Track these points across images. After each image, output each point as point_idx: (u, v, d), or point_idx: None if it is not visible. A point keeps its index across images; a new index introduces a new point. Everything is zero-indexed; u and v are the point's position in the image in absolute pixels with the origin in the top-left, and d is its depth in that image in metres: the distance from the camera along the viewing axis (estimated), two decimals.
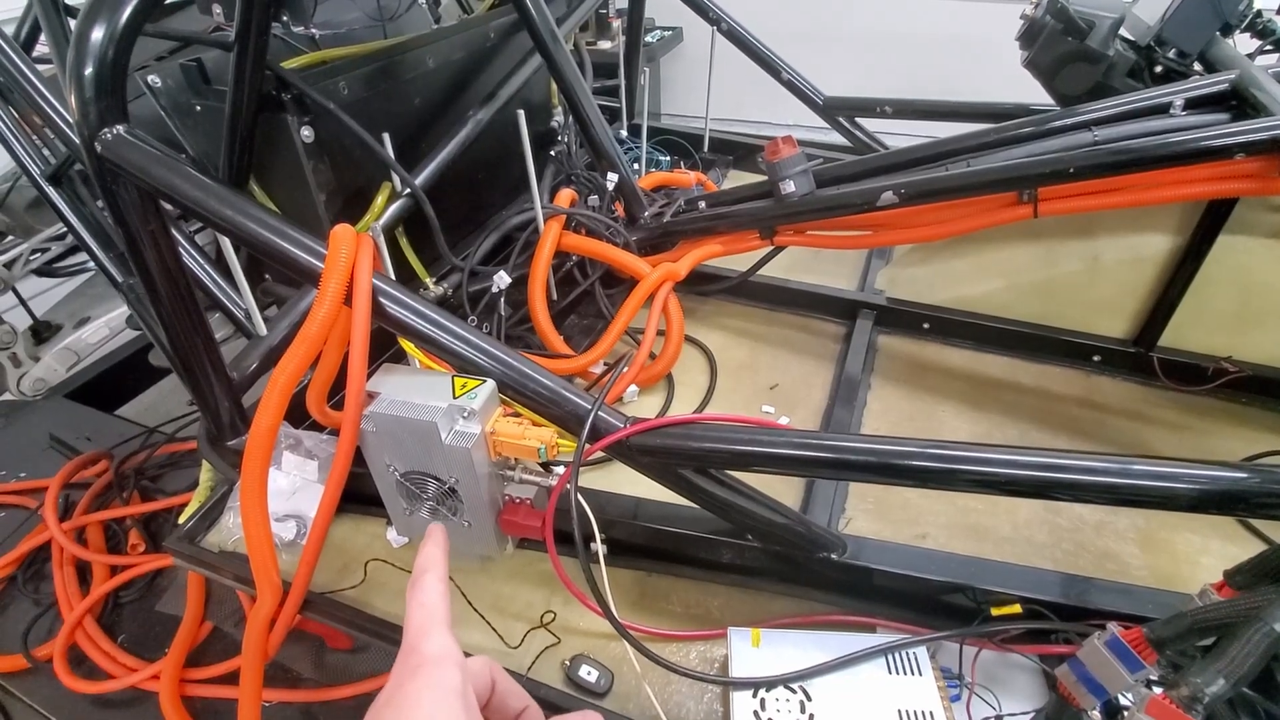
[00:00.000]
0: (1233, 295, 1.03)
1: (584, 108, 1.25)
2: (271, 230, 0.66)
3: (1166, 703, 0.44)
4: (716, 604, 0.83)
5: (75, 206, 1.08)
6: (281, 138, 0.98)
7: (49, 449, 1.41)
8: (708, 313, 1.35)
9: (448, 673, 0.38)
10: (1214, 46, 1.04)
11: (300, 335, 0.63)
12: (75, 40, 0.62)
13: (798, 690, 0.67)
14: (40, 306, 1.32)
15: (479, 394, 0.68)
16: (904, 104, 1.60)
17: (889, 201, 1.00)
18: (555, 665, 0.76)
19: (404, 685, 0.37)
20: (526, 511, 0.75)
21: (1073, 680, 0.54)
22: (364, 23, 1.17)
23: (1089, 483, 0.60)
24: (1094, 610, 0.71)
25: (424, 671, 0.38)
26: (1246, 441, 1.02)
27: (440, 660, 0.38)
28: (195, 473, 1.34)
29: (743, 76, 1.74)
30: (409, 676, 0.38)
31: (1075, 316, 1.16)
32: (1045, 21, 1.10)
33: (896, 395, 1.15)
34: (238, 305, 0.99)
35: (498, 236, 1.26)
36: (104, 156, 0.64)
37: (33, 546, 1.21)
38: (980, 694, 0.70)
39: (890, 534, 0.90)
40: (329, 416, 0.77)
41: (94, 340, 1.25)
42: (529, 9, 1.15)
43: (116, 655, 1.07)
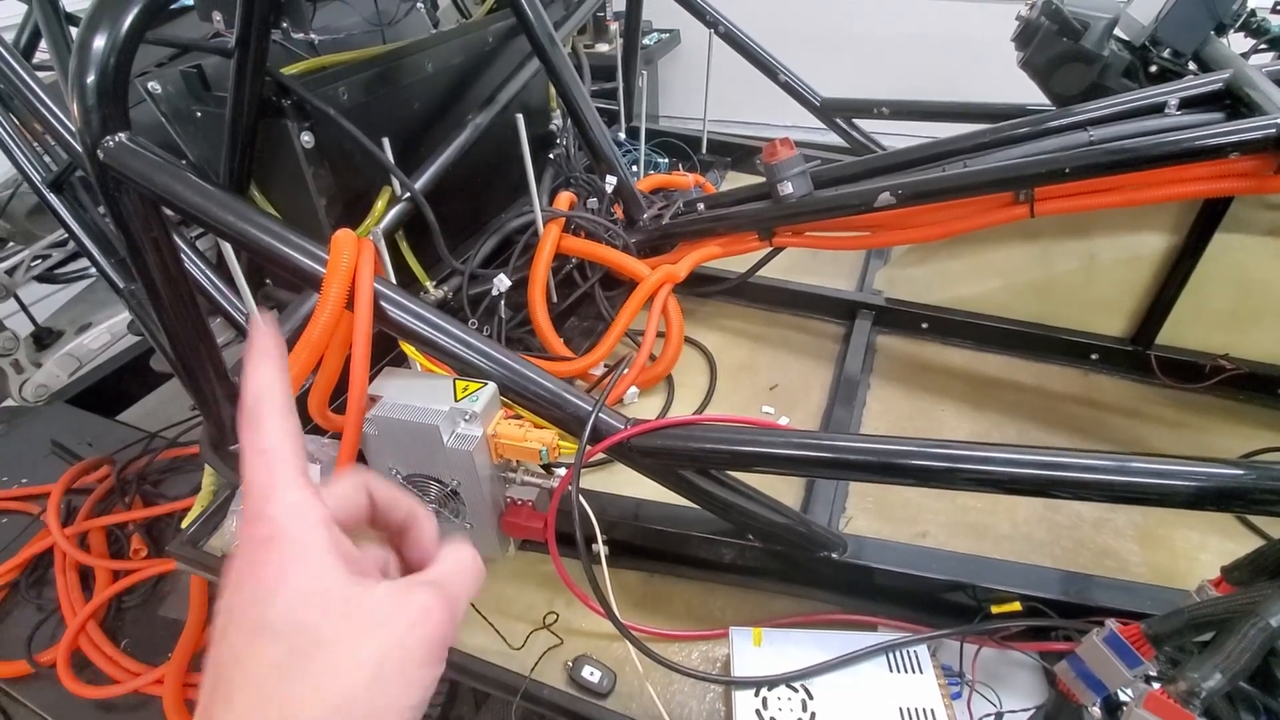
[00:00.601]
0: (1229, 293, 1.04)
1: (582, 111, 1.25)
2: (273, 235, 0.66)
3: (1164, 697, 0.44)
4: (718, 604, 0.83)
5: (76, 213, 1.08)
6: (282, 143, 0.98)
7: (50, 455, 1.42)
8: (707, 314, 1.36)
9: (309, 534, 0.30)
10: (1208, 46, 1.05)
11: (303, 339, 0.63)
12: (77, 48, 0.62)
13: (799, 689, 0.67)
14: (42, 313, 1.32)
15: (480, 397, 0.69)
16: (900, 105, 1.61)
17: (886, 202, 1.00)
18: (558, 666, 0.76)
19: (256, 561, 0.30)
20: (528, 513, 0.75)
21: (1072, 677, 0.55)
22: (362, 28, 1.17)
23: (1089, 480, 0.61)
24: (1093, 607, 0.72)
25: (278, 542, 0.30)
26: (1244, 438, 1.03)
27: (294, 522, 0.30)
28: (197, 477, 1.34)
29: (740, 78, 1.74)
30: (261, 547, 0.30)
31: (1073, 315, 1.17)
32: (1040, 22, 1.10)
33: (896, 395, 1.16)
34: (239, 310, 0.99)
35: (497, 240, 1.26)
36: (106, 163, 0.65)
37: (35, 552, 1.22)
38: (981, 691, 0.70)
39: (890, 533, 0.91)
40: (331, 420, 0.77)
41: (96, 346, 1.26)
42: (527, 13, 1.16)
43: (120, 660, 1.08)
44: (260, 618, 0.29)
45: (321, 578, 0.30)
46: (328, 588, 0.30)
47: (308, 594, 0.29)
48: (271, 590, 0.29)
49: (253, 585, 0.29)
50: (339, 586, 0.30)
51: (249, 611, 0.29)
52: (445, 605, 0.32)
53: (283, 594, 0.29)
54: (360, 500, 0.36)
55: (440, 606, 0.32)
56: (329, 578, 0.30)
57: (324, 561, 0.30)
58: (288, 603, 0.29)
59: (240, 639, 0.29)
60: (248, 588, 0.29)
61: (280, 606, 0.29)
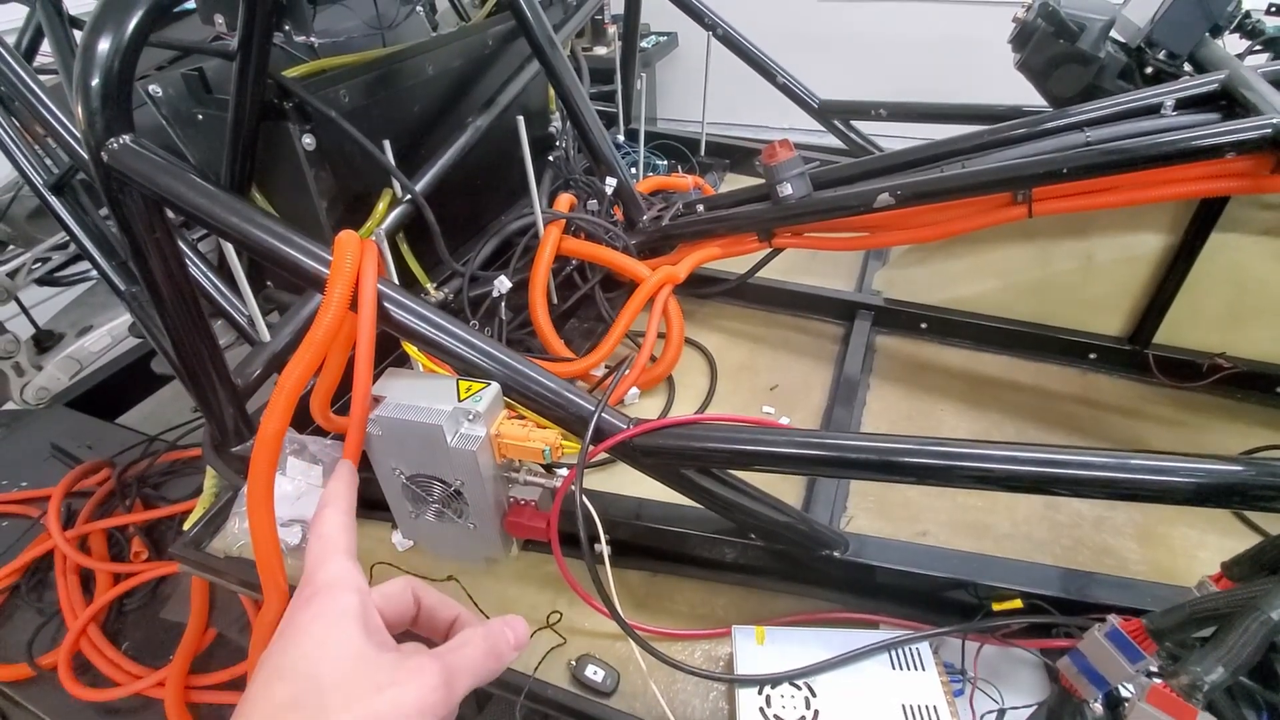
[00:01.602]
0: (1226, 292, 1.04)
1: (582, 113, 1.26)
2: (277, 237, 0.66)
3: (1167, 691, 0.45)
4: (721, 603, 0.84)
5: (78, 215, 1.09)
6: (283, 146, 0.98)
7: (50, 458, 1.42)
8: (706, 315, 1.36)
9: (341, 598, 0.37)
10: (1204, 47, 1.05)
11: (306, 340, 0.63)
12: (82, 51, 0.62)
13: (802, 686, 0.67)
14: (42, 315, 1.33)
15: (484, 397, 0.69)
16: (898, 106, 1.62)
17: (885, 203, 1.01)
18: (561, 665, 0.77)
19: (296, 615, 0.36)
20: (531, 513, 0.76)
21: (1074, 672, 0.55)
22: (362, 31, 1.18)
23: (1088, 477, 0.61)
24: (1094, 604, 0.72)
25: (317, 600, 0.37)
26: (1241, 436, 1.04)
27: (333, 586, 0.37)
28: (197, 480, 1.34)
29: (738, 81, 1.75)
30: (302, 606, 0.37)
31: (1071, 315, 1.17)
32: (1037, 24, 1.11)
33: (895, 395, 1.16)
34: (241, 312, 0.99)
35: (498, 241, 1.27)
36: (110, 165, 0.65)
37: (36, 555, 1.22)
38: (983, 688, 0.70)
39: (891, 531, 0.91)
40: (333, 421, 0.77)
41: (96, 348, 1.26)
42: (526, 15, 1.16)
43: (121, 662, 1.08)
44: (280, 662, 0.34)
45: (340, 637, 0.35)
46: (344, 646, 0.35)
47: (324, 648, 0.34)
48: (296, 640, 0.35)
49: (287, 633, 0.35)
50: (354, 646, 0.35)
51: (274, 655, 0.34)
52: (440, 673, 0.36)
53: (304, 645, 0.34)
54: (405, 600, 0.42)
55: (435, 675, 0.35)
56: (347, 637, 0.35)
57: (346, 624, 0.35)
58: (304, 652, 0.34)
59: (261, 677, 0.34)
60: (282, 635, 0.35)
61: (296, 654, 0.34)
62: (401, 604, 0.41)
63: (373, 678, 0.34)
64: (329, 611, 0.36)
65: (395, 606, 0.41)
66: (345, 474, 0.48)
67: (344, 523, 0.43)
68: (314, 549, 0.40)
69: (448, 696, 0.36)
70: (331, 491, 0.45)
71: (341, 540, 0.41)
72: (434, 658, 0.37)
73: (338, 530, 0.42)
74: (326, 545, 0.40)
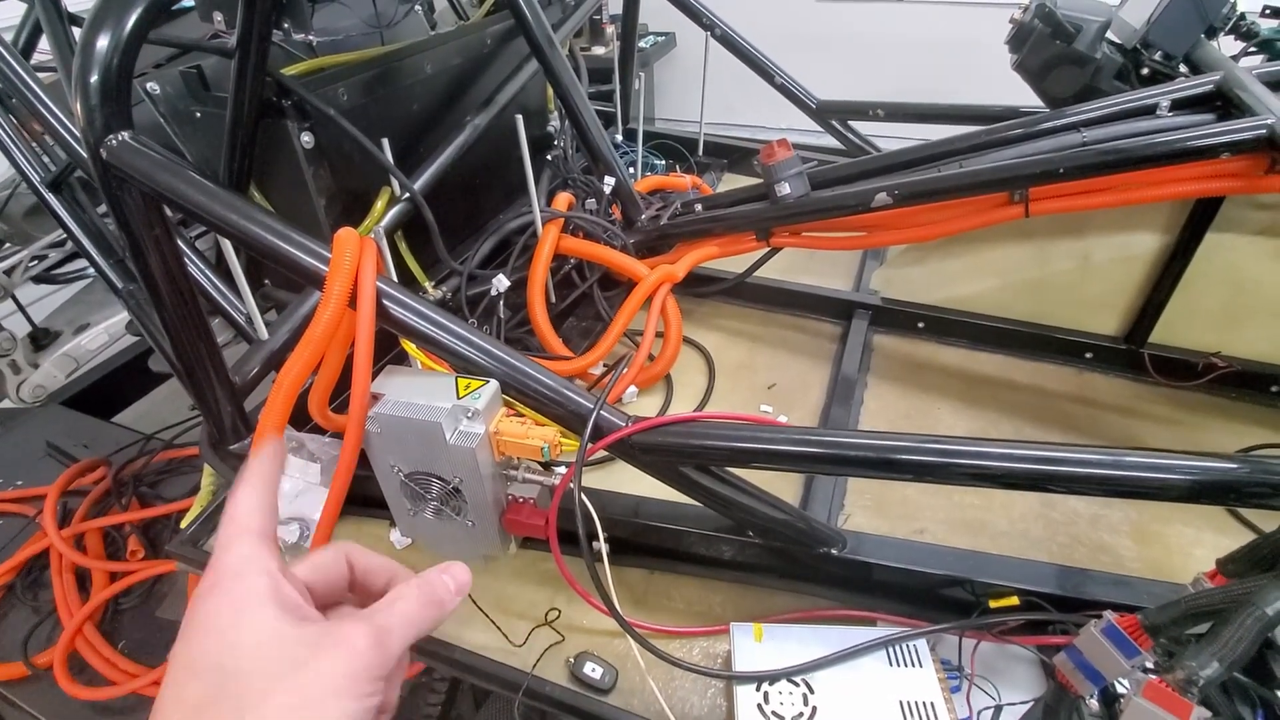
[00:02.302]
0: (1221, 292, 1.05)
1: (580, 113, 1.26)
2: (276, 234, 0.66)
3: (1163, 686, 0.45)
4: (718, 600, 0.84)
5: (75, 213, 1.08)
6: (282, 144, 0.98)
7: (46, 456, 1.41)
8: (705, 314, 1.36)
9: (247, 581, 0.34)
10: (1199, 49, 1.06)
11: (305, 338, 0.63)
12: (81, 48, 0.62)
13: (800, 683, 0.67)
14: (39, 313, 1.32)
15: (482, 394, 0.69)
16: (896, 107, 1.62)
17: (883, 203, 1.01)
18: (560, 663, 0.77)
19: (199, 605, 0.33)
20: (530, 511, 0.76)
21: (1070, 668, 0.55)
22: (361, 29, 1.18)
23: (1084, 475, 0.61)
24: (1090, 601, 0.72)
25: (220, 586, 0.34)
26: (1236, 435, 1.04)
27: (239, 572, 0.34)
28: (193, 479, 1.34)
29: (736, 81, 1.75)
30: (205, 594, 0.34)
31: (1067, 314, 1.18)
32: (1033, 25, 1.12)
33: (893, 394, 1.16)
34: (239, 310, 0.99)
35: (496, 240, 1.27)
36: (109, 162, 0.65)
37: (31, 554, 1.22)
38: (980, 684, 0.71)
39: (889, 529, 0.91)
40: (331, 419, 0.77)
41: (93, 346, 1.25)
42: (525, 14, 1.16)
43: (117, 662, 1.08)
44: (188, 658, 0.32)
45: (252, 622, 0.32)
46: (255, 631, 0.32)
47: (233, 636, 0.32)
48: (205, 633, 0.32)
49: (193, 627, 0.33)
50: (266, 628, 0.32)
51: (181, 652, 0.32)
52: (370, 637, 0.34)
53: (210, 636, 0.32)
54: (339, 569, 0.39)
55: (363, 638, 0.33)
56: (258, 621, 0.32)
57: (257, 608, 0.33)
58: (213, 645, 0.32)
59: (175, 677, 0.32)
60: (188, 629, 0.33)
61: (205, 647, 0.32)
62: (334, 572, 0.39)
63: (292, 655, 0.32)
64: (235, 598, 0.33)
65: (326, 575, 0.39)
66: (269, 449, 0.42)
67: (257, 503, 0.38)
68: (222, 531, 0.37)
69: (381, 657, 0.34)
70: (248, 469, 0.40)
71: (253, 521, 0.37)
72: (361, 619, 0.35)
73: (249, 511, 0.37)
74: (234, 527, 0.36)
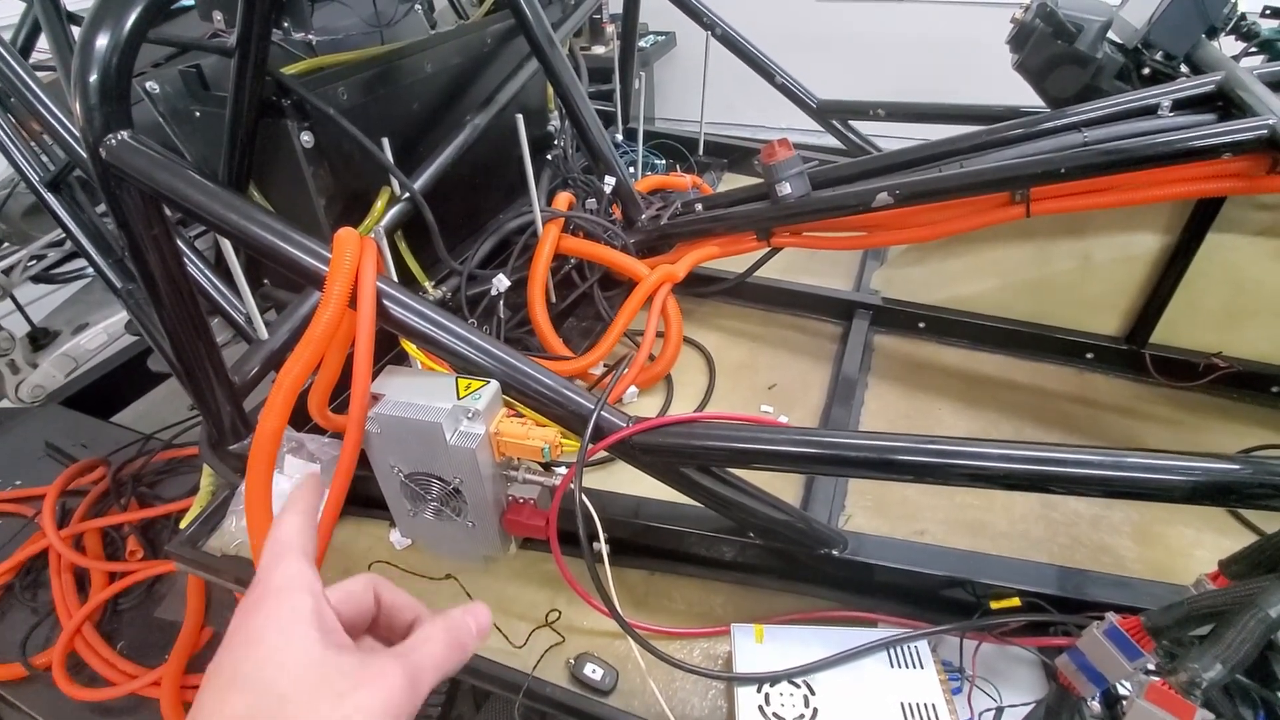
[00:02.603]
0: (1222, 292, 1.05)
1: (581, 112, 1.26)
2: (276, 234, 0.66)
3: (1165, 688, 0.45)
4: (719, 601, 0.84)
5: (74, 213, 1.08)
6: (282, 143, 0.98)
7: (45, 456, 1.41)
8: (705, 314, 1.36)
9: (293, 599, 0.35)
10: (1200, 49, 1.06)
11: (305, 338, 0.63)
12: (80, 47, 0.62)
13: (801, 685, 0.67)
14: (38, 313, 1.32)
15: (483, 395, 0.69)
16: (896, 107, 1.62)
17: (884, 202, 1.01)
18: (560, 664, 0.77)
19: (247, 620, 0.34)
20: (530, 511, 0.75)
21: (1073, 670, 0.55)
22: (360, 29, 1.17)
23: (1084, 476, 0.61)
24: (1091, 602, 0.72)
25: (268, 602, 0.35)
26: (1237, 436, 1.04)
27: (284, 589, 0.36)
28: (192, 479, 1.34)
29: (736, 80, 1.75)
30: (252, 609, 0.35)
31: (1068, 315, 1.18)
32: (1035, 25, 1.12)
33: (893, 394, 1.16)
34: (238, 309, 0.99)
35: (496, 240, 1.26)
36: (109, 162, 0.65)
37: (30, 554, 1.21)
38: (981, 686, 0.71)
39: (889, 530, 0.91)
40: (331, 419, 0.77)
41: (92, 346, 1.25)
42: (526, 14, 1.16)
43: (116, 662, 1.08)
44: (234, 671, 0.33)
45: (296, 642, 0.33)
46: (299, 652, 0.33)
47: (279, 654, 0.33)
48: (249, 647, 0.33)
49: (237, 640, 0.34)
50: (309, 651, 0.33)
51: (225, 663, 0.33)
52: (404, 673, 0.35)
53: (258, 651, 0.33)
54: (366, 600, 0.40)
55: (399, 675, 0.35)
56: (302, 643, 0.34)
57: (301, 628, 0.34)
58: (259, 661, 0.33)
59: (216, 687, 0.33)
60: (232, 641, 0.34)
61: (252, 663, 0.33)
62: (362, 603, 0.40)
63: (333, 685, 0.33)
64: (281, 614, 0.35)
65: (355, 605, 0.40)
66: (311, 482, 0.46)
67: (301, 525, 0.41)
68: (267, 551, 0.39)
69: (413, 697, 0.35)
70: (293, 497, 0.43)
71: (296, 542, 0.39)
72: (396, 657, 0.36)
73: (294, 533, 0.40)
74: (280, 547, 0.38)
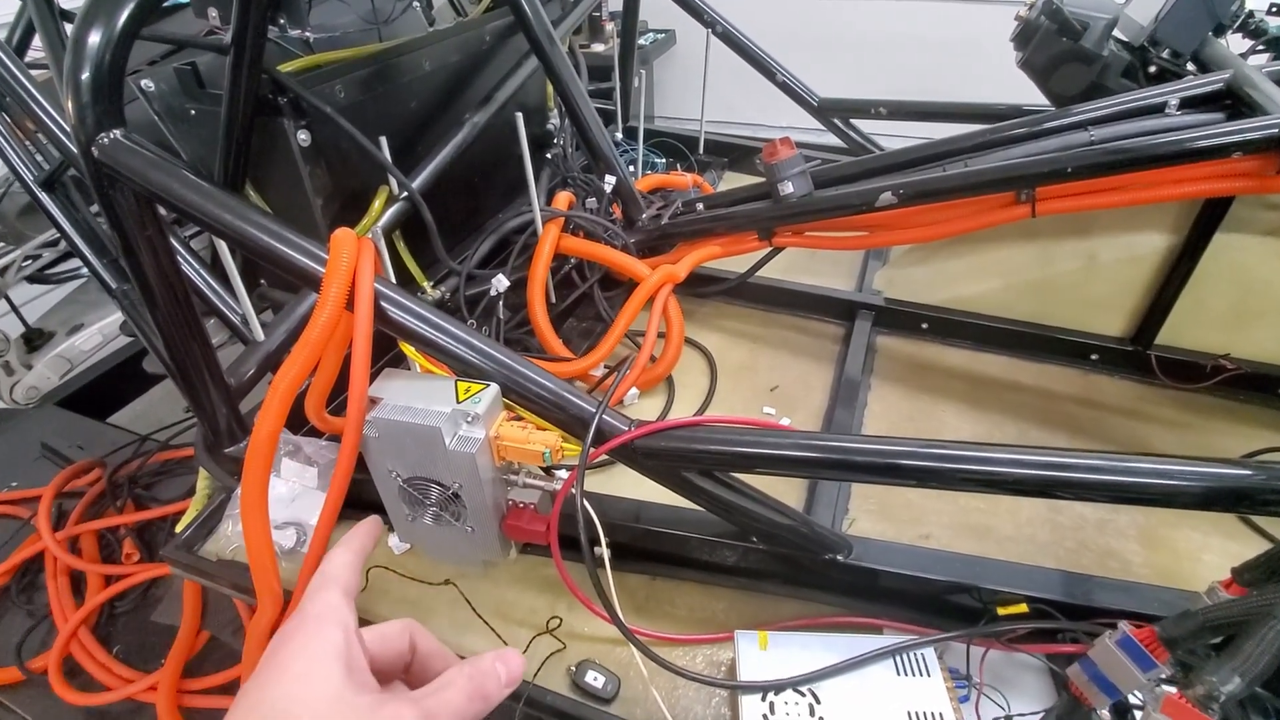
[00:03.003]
0: (1230, 293, 1.04)
1: (581, 110, 1.24)
2: (272, 235, 0.65)
3: (1182, 701, 0.44)
4: (721, 607, 0.83)
5: (68, 212, 1.07)
6: (278, 142, 0.97)
7: (41, 458, 1.40)
8: (706, 314, 1.35)
9: (325, 631, 0.36)
10: (1207, 46, 1.05)
11: (302, 341, 0.62)
12: (72, 45, 0.61)
13: (807, 693, 0.66)
14: (32, 314, 1.31)
15: (483, 398, 0.68)
16: (898, 105, 1.61)
17: (888, 202, 1.00)
18: (561, 671, 0.75)
19: (280, 648, 0.36)
20: (531, 516, 0.74)
21: (1084, 680, 0.54)
22: (358, 26, 1.16)
23: (1094, 481, 0.60)
24: (1100, 609, 0.71)
25: (301, 632, 0.36)
26: (1245, 438, 1.03)
27: (320, 619, 0.37)
28: (189, 480, 1.33)
29: (737, 79, 1.74)
30: (287, 637, 0.36)
31: (1072, 315, 1.17)
32: (1040, 23, 1.10)
33: (896, 396, 1.15)
34: (234, 310, 0.98)
35: (495, 240, 1.25)
36: (101, 161, 0.63)
37: (26, 557, 1.21)
38: (989, 694, 0.69)
39: (894, 534, 0.90)
40: (328, 422, 0.76)
41: (87, 347, 1.24)
42: (525, 11, 1.15)
43: (112, 666, 1.07)
44: (259, 697, 0.34)
45: (319, 675, 0.34)
46: (320, 684, 0.34)
47: (300, 687, 0.34)
48: (275, 676, 0.34)
49: (268, 668, 0.35)
50: (330, 687, 0.34)
51: (254, 687, 0.34)
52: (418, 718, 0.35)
53: (283, 682, 0.34)
54: (400, 645, 0.41)
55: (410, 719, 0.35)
56: (325, 677, 0.34)
57: (327, 662, 0.35)
58: (283, 692, 0.34)
59: (242, 709, 0.34)
60: (264, 668, 0.35)
61: (276, 691, 0.34)
62: (396, 646, 0.40)
63: None
64: (310, 646, 0.35)
65: (389, 648, 0.40)
66: (370, 525, 0.50)
67: (350, 561, 0.43)
68: (314, 581, 0.41)
69: None
70: (350, 535, 0.46)
71: (341, 577, 0.41)
72: (411, 702, 0.36)
73: (341, 568, 0.42)
74: (325, 579, 0.40)
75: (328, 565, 0.42)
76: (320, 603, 0.38)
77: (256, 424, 0.63)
